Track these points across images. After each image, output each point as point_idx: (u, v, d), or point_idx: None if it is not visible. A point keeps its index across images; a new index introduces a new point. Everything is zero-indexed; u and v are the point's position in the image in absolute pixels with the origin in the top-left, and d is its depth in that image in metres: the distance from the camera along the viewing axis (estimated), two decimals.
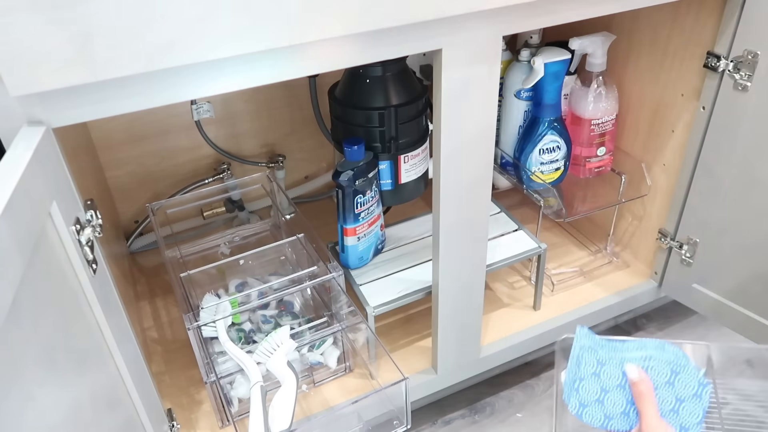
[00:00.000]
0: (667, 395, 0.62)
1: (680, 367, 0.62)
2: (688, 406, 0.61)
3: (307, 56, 0.63)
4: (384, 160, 0.99)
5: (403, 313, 1.12)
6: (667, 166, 1.09)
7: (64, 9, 0.50)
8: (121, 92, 0.57)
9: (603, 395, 0.64)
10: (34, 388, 0.45)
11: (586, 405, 0.65)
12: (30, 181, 0.49)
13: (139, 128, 1.19)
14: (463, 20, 0.69)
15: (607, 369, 0.63)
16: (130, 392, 0.69)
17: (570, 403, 0.66)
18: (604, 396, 0.64)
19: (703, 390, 0.62)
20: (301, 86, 1.25)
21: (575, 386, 0.65)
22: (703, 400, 0.62)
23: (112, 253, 0.93)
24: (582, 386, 0.65)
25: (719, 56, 0.91)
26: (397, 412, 0.82)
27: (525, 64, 1.08)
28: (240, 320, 1.00)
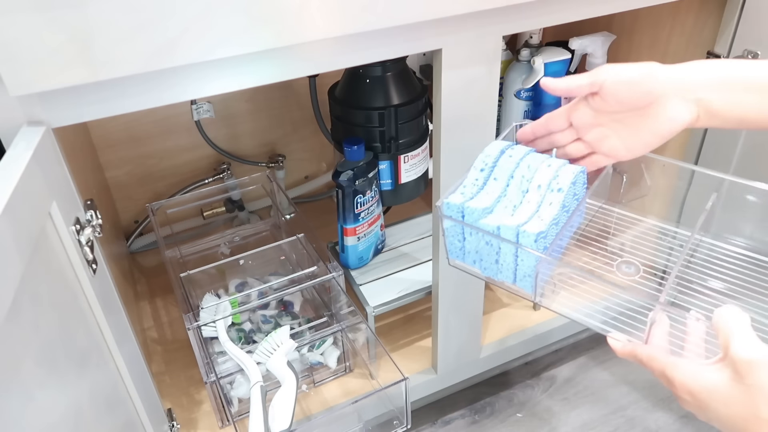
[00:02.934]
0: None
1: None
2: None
3: (307, 56, 0.63)
4: (384, 160, 0.99)
5: (403, 313, 1.12)
6: (667, 166, 1.09)
7: (64, 9, 0.50)
8: (121, 92, 0.57)
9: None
10: (34, 388, 0.45)
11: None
12: (30, 181, 0.49)
13: (139, 128, 1.19)
14: (463, 20, 0.69)
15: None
16: (130, 392, 0.69)
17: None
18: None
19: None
20: (301, 86, 1.25)
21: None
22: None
23: (112, 253, 0.93)
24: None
25: (719, 56, 0.91)
26: (397, 412, 0.82)
27: (525, 64, 1.08)
28: (240, 320, 1.00)
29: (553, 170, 0.63)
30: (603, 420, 1.05)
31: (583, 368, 1.15)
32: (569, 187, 0.62)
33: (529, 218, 0.61)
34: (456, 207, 0.63)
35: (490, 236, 0.62)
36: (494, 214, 0.63)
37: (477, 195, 0.64)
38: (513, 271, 0.64)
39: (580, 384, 1.12)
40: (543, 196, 0.62)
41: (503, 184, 0.65)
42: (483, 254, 0.65)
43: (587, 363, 1.16)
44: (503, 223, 0.60)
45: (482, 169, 0.66)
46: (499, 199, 0.64)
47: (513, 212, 0.63)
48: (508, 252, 0.62)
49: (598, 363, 1.15)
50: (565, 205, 0.63)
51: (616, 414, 1.06)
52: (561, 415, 1.06)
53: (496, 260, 0.64)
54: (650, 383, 1.11)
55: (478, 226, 0.62)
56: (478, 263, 0.66)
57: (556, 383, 1.12)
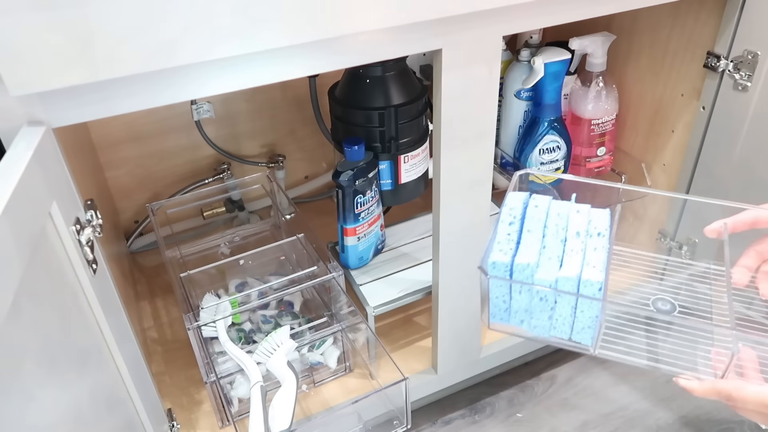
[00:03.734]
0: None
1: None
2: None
3: (307, 56, 0.63)
4: (384, 160, 0.99)
5: (403, 313, 1.12)
6: (667, 166, 1.09)
7: (64, 9, 0.50)
8: (122, 92, 0.57)
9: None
10: (34, 388, 0.45)
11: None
12: (30, 181, 0.49)
13: (139, 128, 1.19)
14: (463, 20, 0.69)
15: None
16: (130, 392, 0.69)
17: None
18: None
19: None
20: (301, 86, 1.25)
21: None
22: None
23: (112, 253, 0.93)
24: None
25: (719, 56, 0.91)
26: (397, 412, 0.82)
27: (525, 64, 1.08)
28: (240, 320, 1.00)
29: (585, 215, 0.64)
30: (603, 420, 1.05)
31: (583, 368, 1.15)
32: (607, 230, 0.62)
33: (581, 268, 0.58)
34: (503, 266, 0.59)
35: (546, 292, 0.58)
36: (542, 267, 0.59)
37: (519, 252, 0.61)
38: (570, 325, 0.60)
39: (580, 384, 1.12)
40: (585, 243, 0.61)
41: (539, 235, 0.62)
42: (534, 312, 0.61)
43: (587, 363, 1.16)
44: (562, 275, 0.57)
45: (511, 222, 0.63)
46: (540, 252, 0.61)
47: (560, 263, 0.60)
48: (565, 305, 0.59)
49: (598, 363, 1.15)
50: (608, 249, 0.61)
51: (616, 414, 1.06)
52: (561, 415, 1.06)
53: (550, 316, 0.61)
54: (650, 383, 1.11)
55: (533, 282, 0.58)
56: (527, 322, 0.62)
57: (556, 383, 1.12)
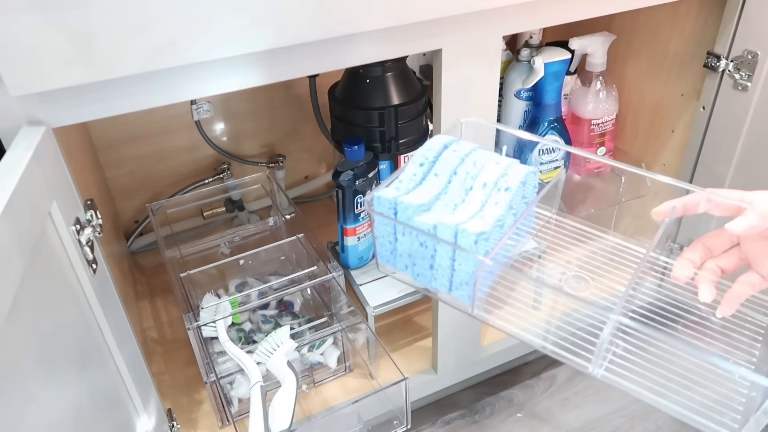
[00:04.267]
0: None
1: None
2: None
3: (307, 56, 0.63)
4: (384, 160, 0.99)
5: (403, 313, 1.12)
6: (667, 166, 1.09)
7: (64, 9, 0.50)
8: (121, 92, 0.57)
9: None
10: (34, 388, 0.45)
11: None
12: (30, 181, 0.49)
13: (139, 128, 1.19)
14: (463, 20, 0.69)
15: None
16: (130, 392, 0.69)
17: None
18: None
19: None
20: (301, 86, 1.25)
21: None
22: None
23: (112, 253, 0.93)
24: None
25: (719, 56, 0.91)
26: (397, 412, 0.82)
27: (525, 64, 1.08)
28: (240, 320, 1.00)
29: (502, 168, 0.56)
30: (603, 420, 1.05)
31: None
32: (518, 187, 0.55)
33: (471, 217, 0.53)
34: (388, 202, 0.55)
35: (425, 236, 0.54)
36: (432, 212, 0.55)
37: (413, 190, 0.57)
38: (449, 278, 0.55)
39: (580, 384, 1.12)
40: (488, 195, 0.55)
41: (445, 180, 0.57)
42: (416, 258, 0.56)
43: None
44: (440, 221, 0.52)
45: (422, 163, 0.58)
46: (438, 196, 0.57)
47: (453, 210, 0.55)
48: (444, 255, 0.54)
49: None
50: (513, 206, 0.55)
51: (616, 414, 1.06)
52: (561, 415, 1.06)
53: (431, 265, 0.55)
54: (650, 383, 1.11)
55: (411, 224, 0.54)
56: (410, 269, 0.58)
57: (556, 383, 1.12)
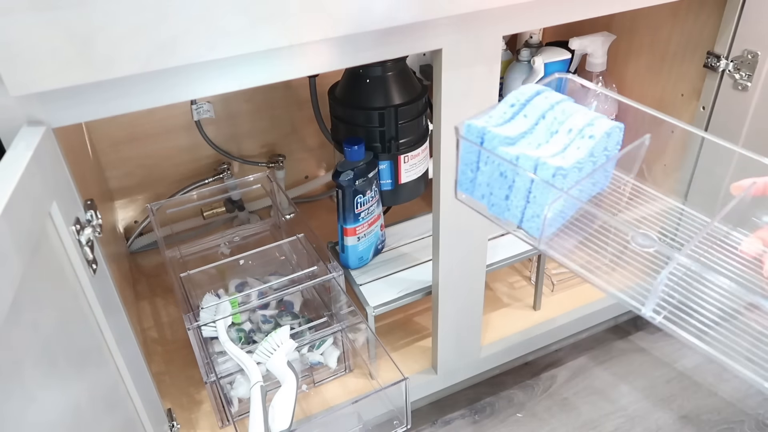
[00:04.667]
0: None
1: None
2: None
3: (307, 56, 0.63)
4: (384, 160, 0.99)
5: (403, 313, 1.12)
6: (667, 166, 1.09)
7: (64, 9, 0.50)
8: (121, 92, 0.57)
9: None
10: (35, 388, 0.45)
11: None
12: (30, 181, 0.49)
13: (139, 128, 1.19)
14: (463, 20, 0.69)
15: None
16: (130, 392, 0.69)
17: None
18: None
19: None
20: (301, 86, 1.25)
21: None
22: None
23: (112, 253, 0.93)
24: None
25: (719, 56, 0.91)
26: (397, 412, 0.82)
27: (525, 64, 1.08)
28: (240, 320, 1.00)
29: (589, 118, 0.59)
30: (603, 420, 1.05)
31: (583, 368, 1.15)
32: (602, 137, 0.57)
33: (552, 155, 0.56)
34: (477, 130, 0.57)
35: (506, 166, 0.56)
36: (516, 146, 0.57)
37: (502, 125, 0.58)
38: (522, 210, 0.58)
39: (580, 384, 1.12)
40: (572, 140, 0.57)
41: (532, 121, 0.59)
42: (494, 188, 0.59)
43: (587, 363, 1.16)
44: (523, 153, 0.55)
45: (513, 104, 0.60)
46: (524, 134, 0.58)
47: (536, 148, 0.57)
48: (521, 187, 0.56)
49: (598, 363, 1.15)
50: (594, 155, 0.58)
51: (616, 414, 1.06)
52: (561, 415, 1.06)
53: (507, 196, 0.58)
54: (650, 383, 1.11)
55: (496, 153, 0.56)
56: (487, 198, 0.60)
57: (556, 383, 1.12)
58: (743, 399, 1.07)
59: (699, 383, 1.11)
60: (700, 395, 1.08)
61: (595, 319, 1.15)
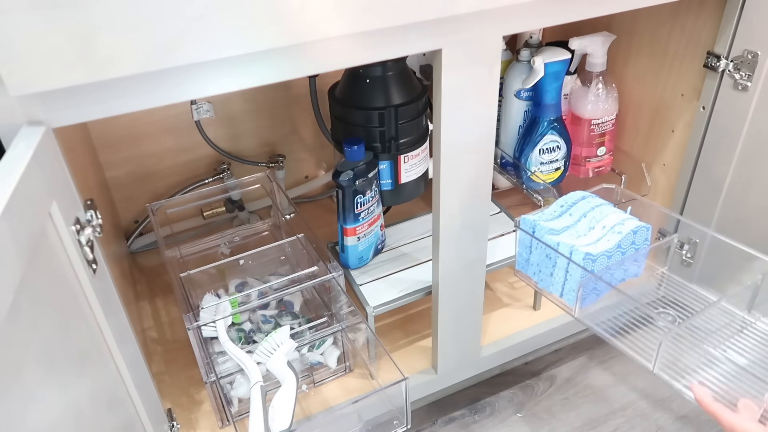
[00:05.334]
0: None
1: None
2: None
3: (307, 56, 0.63)
4: (384, 160, 0.99)
5: (403, 313, 1.12)
6: (667, 166, 1.09)
7: (64, 9, 0.50)
8: (121, 92, 0.57)
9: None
10: (34, 388, 0.45)
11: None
12: (30, 181, 0.49)
13: (139, 128, 1.19)
14: (463, 20, 0.69)
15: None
16: (130, 392, 0.69)
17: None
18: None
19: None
20: (301, 86, 1.25)
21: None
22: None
23: (112, 253, 0.93)
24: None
25: (719, 56, 0.91)
26: (397, 412, 0.82)
27: (525, 64, 1.08)
28: (240, 320, 1.00)
29: (621, 218, 0.76)
30: (603, 420, 1.05)
31: (583, 368, 1.15)
32: (628, 234, 0.74)
33: (586, 245, 0.73)
34: (530, 222, 0.78)
35: (550, 250, 0.75)
36: (559, 236, 0.76)
37: (550, 221, 0.78)
38: (562, 285, 0.77)
39: (580, 384, 1.12)
40: (604, 234, 0.75)
41: (575, 219, 0.79)
42: (542, 267, 0.79)
43: (587, 363, 1.16)
44: (563, 241, 0.74)
45: (562, 205, 0.80)
46: (567, 228, 0.78)
47: (575, 239, 0.76)
48: (561, 267, 0.76)
49: (598, 363, 1.15)
50: (622, 246, 0.75)
51: (616, 414, 1.06)
52: (561, 415, 1.06)
53: (551, 273, 0.78)
54: (650, 383, 1.11)
55: (542, 239, 0.76)
56: (537, 275, 0.80)
57: (556, 383, 1.12)
58: None
59: None
60: None
61: None
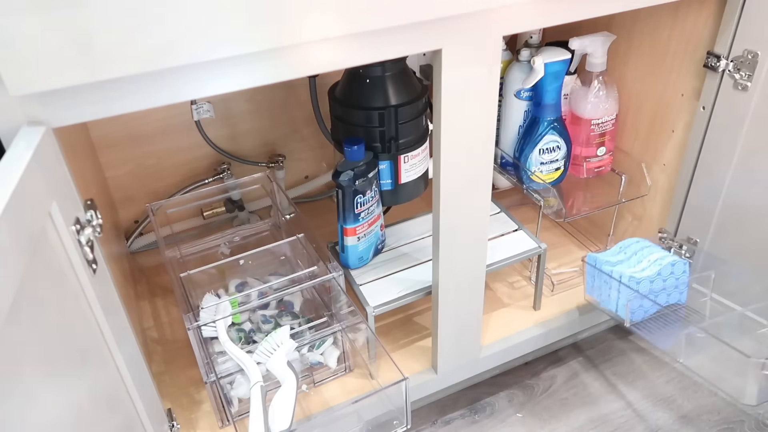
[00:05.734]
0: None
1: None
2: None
3: (307, 56, 0.63)
4: (384, 160, 0.99)
5: (403, 313, 1.12)
6: (667, 166, 1.09)
7: (64, 9, 0.50)
8: (121, 92, 0.57)
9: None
10: (34, 388, 0.45)
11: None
12: (30, 181, 0.49)
13: (139, 128, 1.19)
14: (463, 20, 0.69)
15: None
16: (130, 392, 0.69)
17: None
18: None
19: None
20: (301, 86, 1.25)
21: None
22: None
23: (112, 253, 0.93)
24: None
25: (719, 56, 0.91)
26: (397, 412, 0.82)
27: (525, 64, 1.08)
28: (240, 320, 1.00)
29: (663, 254, 1.01)
30: (603, 420, 1.05)
31: (583, 368, 1.15)
32: (667, 265, 0.98)
33: (634, 272, 0.99)
34: (593, 258, 1.04)
35: (607, 276, 1.00)
36: (614, 267, 1.01)
37: (608, 258, 1.04)
38: (616, 302, 1.01)
39: (579, 384, 1.12)
40: (648, 266, 1.00)
41: (628, 256, 1.03)
42: (603, 290, 1.03)
43: (587, 363, 1.16)
44: (615, 270, 1.00)
45: (619, 249, 1.05)
46: (621, 262, 1.03)
47: (626, 269, 1.00)
48: (614, 289, 1.00)
49: (597, 363, 1.16)
50: (662, 275, 0.99)
51: (616, 414, 1.06)
52: (561, 415, 1.06)
53: (609, 294, 1.02)
54: (650, 383, 1.11)
55: (601, 269, 1.02)
56: (599, 297, 1.05)
57: (556, 383, 1.12)
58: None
59: (699, 383, 1.11)
60: (700, 395, 1.08)
61: (595, 319, 1.15)
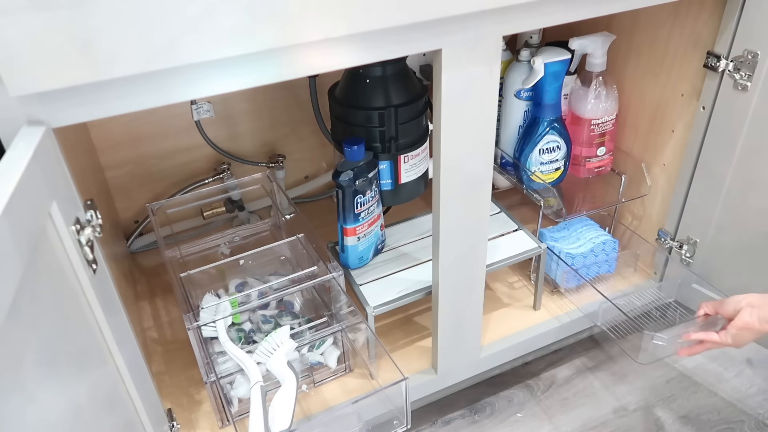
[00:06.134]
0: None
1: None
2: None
3: (307, 56, 0.63)
4: (384, 160, 0.99)
5: (403, 313, 1.12)
6: (667, 166, 1.09)
7: (64, 9, 0.50)
8: (121, 92, 0.57)
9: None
10: (34, 388, 0.45)
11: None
12: (30, 181, 0.49)
13: (139, 128, 1.19)
14: (463, 20, 0.69)
15: None
16: (130, 392, 0.69)
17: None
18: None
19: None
20: (301, 86, 1.25)
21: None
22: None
23: (112, 253, 0.93)
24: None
25: (719, 56, 0.91)
26: (397, 412, 0.82)
27: (525, 64, 1.08)
28: (240, 320, 1.00)
29: (598, 233, 1.15)
30: (603, 420, 1.05)
31: (583, 368, 1.15)
32: (598, 243, 1.13)
33: (571, 248, 1.13)
34: (542, 233, 1.15)
35: (550, 251, 1.12)
36: (557, 243, 1.15)
37: (553, 234, 1.17)
38: (555, 272, 1.14)
39: (579, 384, 1.12)
40: (584, 243, 1.14)
41: (570, 233, 1.17)
42: (549, 262, 1.14)
43: (587, 363, 1.16)
44: (556, 245, 1.13)
45: (563, 225, 1.18)
46: (564, 237, 1.16)
47: (567, 246, 1.14)
48: (554, 261, 1.13)
49: (597, 363, 1.16)
50: (594, 251, 1.12)
51: (616, 414, 1.06)
52: (561, 415, 1.06)
53: (550, 265, 1.14)
54: (650, 383, 1.11)
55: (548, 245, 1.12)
56: (548, 265, 1.14)
57: (556, 383, 1.12)
58: (743, 399, 1.07)
59: (699, 383, 1.11)
60: (700, 395, 1.08)
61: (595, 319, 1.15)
